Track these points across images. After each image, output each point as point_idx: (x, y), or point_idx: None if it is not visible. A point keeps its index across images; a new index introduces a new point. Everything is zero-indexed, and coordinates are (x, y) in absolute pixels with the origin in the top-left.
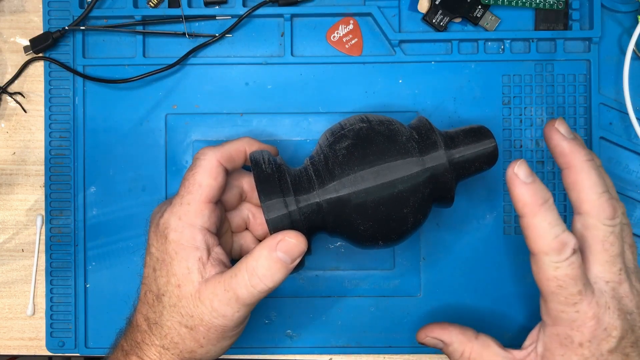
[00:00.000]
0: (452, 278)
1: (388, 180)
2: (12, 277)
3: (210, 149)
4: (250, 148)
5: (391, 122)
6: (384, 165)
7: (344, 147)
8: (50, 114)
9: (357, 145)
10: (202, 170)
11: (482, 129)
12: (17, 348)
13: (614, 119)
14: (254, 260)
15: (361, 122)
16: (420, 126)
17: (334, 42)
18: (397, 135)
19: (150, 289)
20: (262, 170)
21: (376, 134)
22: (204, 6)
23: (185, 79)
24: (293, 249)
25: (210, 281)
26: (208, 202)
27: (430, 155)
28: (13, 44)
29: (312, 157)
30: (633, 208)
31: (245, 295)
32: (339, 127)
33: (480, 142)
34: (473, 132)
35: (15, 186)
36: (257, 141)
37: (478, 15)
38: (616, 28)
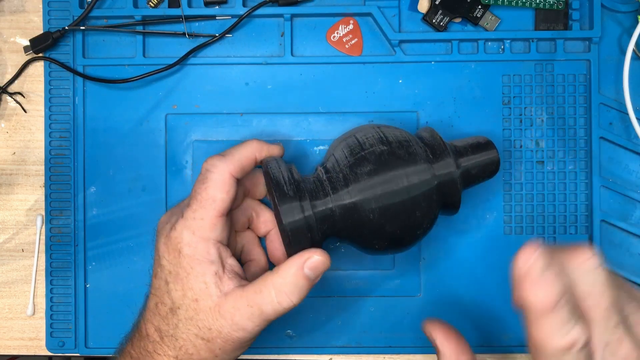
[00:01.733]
0: (452, 278)
1: (400, 187)
2: (12, 277)
3: (220, 160)
4: (260, 153)
5: (409, 142)
6: (397, 173)
7: (366, 172)
8: (50, 114)
9: (379, 171)
10: (213, 184)
11: (486, 141)
12: (17, 348)
13: (614, 119)
14: (280, 277)
15: (381, 144)
16: (432, 142)
17: (334, 42)
18: (416, 159)
19: (162, 301)
20: (284, 193)
21: (397, 160)
22: (204, 6)
23: (185, 79)
24: (319, 267)
25: (231, 295)
26: (221, 215)
27: (439, 164)
28: (13, 44)
29: (328, 171)
30: (633, 208)
31: (270, 311)
32: (358, 145)
33: (485, 153)
34: (478, 143)
35: (15, 186)
36: (265, 143)
37: (478, 15)
38: (616, 28)
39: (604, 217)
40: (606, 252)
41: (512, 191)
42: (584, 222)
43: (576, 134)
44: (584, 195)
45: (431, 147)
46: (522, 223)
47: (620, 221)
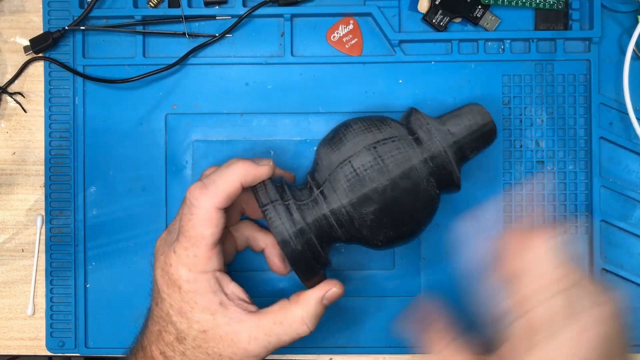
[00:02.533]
0: (452, 278)
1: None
2: (12, 277)
3: (203, 192)
4: (246, 179)
5: (411, 167)
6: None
7: (371, 211)
8: (50, 114)
9: (385, 210)
10: (200, 220)
11: (476, 108)
12: (17, 348)
13: (614, 119)
14: (302, 309)
15: (383, 178)
16: (415, 123)
17: (334, 42)
18: (419, 182)
19: (166, 329)
20: (292, 248)
21: (401, 193)
22: (204, 6)
23: (185, 79)
24: (336, 298)
25: (246, 325)
26: (214, 248)
27: (428, 148)
28: (13, 44)
29: (332, 208)
30: (633, 208)
31: (288, 340)
32: (358, 180)
33: (476, 122)
34: (467, 113)
35: (15, 186)
36: (251, 165)
37: (478, 15)
38: (616, 28)
39: (604, 217)
40: (606, 252)
41: (512, 191)
42: (584, 222)
43: (576, 134)
44: (584, 195)
45: (411, 127)
46: (522, 223)
47: (620, 221)
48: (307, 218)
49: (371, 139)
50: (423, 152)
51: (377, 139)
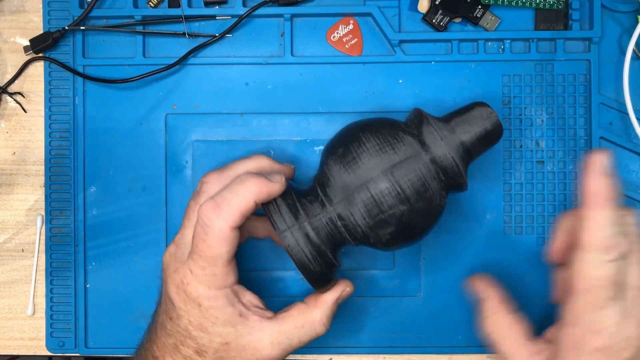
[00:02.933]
0: (452, 278)
1: None
2: (12, 277)
3: (217, 212)
4: (259, 197)
5: (426, 187)
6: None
7: (388, 232)
8: (50, 114)
9: (401, 231)
10: (215, 241)
11: (480, 106)
12: (17, 348)
13: (614, 119)
14: (320, 311)
15: (401, 204)
16: (427, 136)
17: (334, 42)
18: (434, 199)
19: (184, 343)
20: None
21: (417, 214)
22: (204, 6)
23: (185, 79)
24: (348, 296)
25: (267, 331)
26: (229, 263)
27: (439, 162)
28: (13, 44)
29: (343, 218)
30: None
31: (307, 341)
32: (376, 206)
33: (481, 122)
34: (471, 113)
35: (15, 186)
36: (264, 182)
37: (478, 15)
38: (616, 28)
39: None
40: None
41: (512, 191)
42: None
43: (576, 134)
44: None
45: (431, 148)
46: (522, 223)
47: None
48: (322, 234)
49: (387, 163)
50: (437, 169)
51: (393, 162)
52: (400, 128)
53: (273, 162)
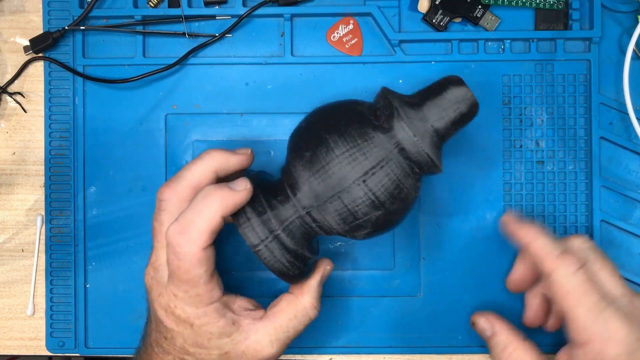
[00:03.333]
0: (452, 278)
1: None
2: (12, 277)
3: (184, 238)
4: (225, 211)
5: (400, 188)
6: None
7: (364, 233)
8: (50, 114)
9: (378, 230)
10: (190, 265)
11: (458, 94)
12: (17, 348)
13: (614, 119)
14: (309, 296)
15: (376, 210)
16: (397, 125)
17: (334, 42)
18: (409, 196)
19: (182, 358)
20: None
21: (394, 214)
22: (204, 6)
23: (185, 79)
24: (329, 272)
25: (263, 331)
26: (210, 280)
27: (413, 157)
28: (13, 44)
29: (323, 227)
30: (633, 208)
31: (303, 328)
32: (351, 216)
33: (460, 111)
34: (451, 102)
35: (15, 186)
36: (227, 193)
37: (478, 15)
38: (616, 28)
39: (604, 217)
40: (606, 252)
41: (512, 191)
42: (584, 222)
43: (576, 134)
44: (584, 195)
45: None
46: None
47: (620, 221)
48: (296, 236)
49: (359, 171)
50: (410, 164)
51: (365, 169)
52: (368, 123)
53: (227, 154)
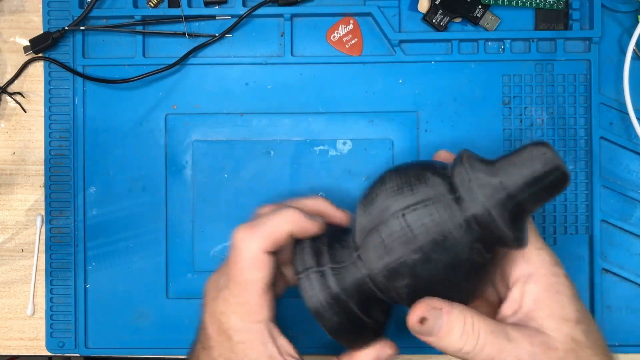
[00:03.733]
0: None
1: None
2: (12, 277)
3: (249, 234)
4: (295, 228)
5: (446, 235)
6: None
7: (404, 285)
8: (50, 114)
9: (419, 285)
10: (247, 265)
11: (534, 151)
12: (17, 348)
13: (614, 118)
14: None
15: (413, 253)
16: (458, 177)
17: (334, 42)
18: (459, 251)
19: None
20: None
21: (436, 266)
22: (204, 6)
23: (185, 79)
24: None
25: None
26: (265, 293)
27: (467, 207)
28: (13, 44)
29: (370, 273)
30: (633, 208)
31: None
32: (386, 254)
33: (530, 164)
34: (525, 159)
35: (15, 186)
36: (301, 216)
37: (478, 15)
38: (616, 28)
39: (604, 217)
40: (606, 252)
41: None
42: (584, 222)
43: (576, 134)
44: (584, 195)
45: (459, 191)
46: None
47: (620, 221)
48: (346, 283)
49: (401, 204)
50: (466, 217)
51: (408, 204)
52: (432, 169)
53: (331, 206)
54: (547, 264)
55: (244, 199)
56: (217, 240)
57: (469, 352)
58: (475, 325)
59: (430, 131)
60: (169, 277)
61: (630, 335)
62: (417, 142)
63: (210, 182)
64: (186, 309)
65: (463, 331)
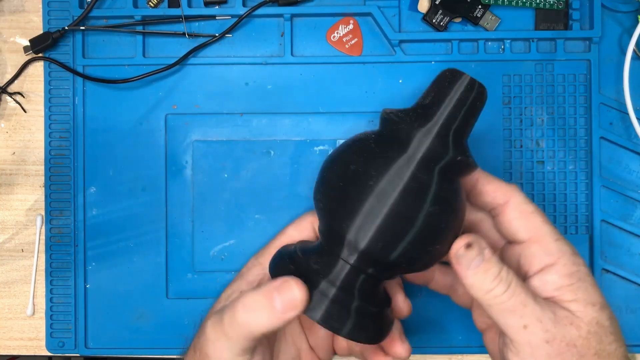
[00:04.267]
0: None
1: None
2: (12, 277)
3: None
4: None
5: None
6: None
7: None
8: (50, 114)
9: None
10: None
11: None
12: (17, 348)
13: (614, 119)
14: None
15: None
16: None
17: (334, 42)
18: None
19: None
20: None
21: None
22: (204, 6)
23: (185, 79)
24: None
25: None
26: None
27: (412, 147)
28: (13, 44)
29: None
30: (633, 208)
31: None
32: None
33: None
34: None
35: (15, 186)
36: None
37: (478, 15)
38: (616, 28)
39: (604, 217)
40: (606, 252)
41: None
42: (584, 222)
43: (576, 134)
44: (584, 195)
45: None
46: None
47: (620, 221)
48: (341, 283)
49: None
50: (415, 161)
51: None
52: (368, 140)
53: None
54: (567, 253)
55: (244, 199)
56: (217, 240)
57: (497, 296)
58: (510, 274)
59: None
60: (169, 277)
61: (630, 335)
62: None
63: (210, 182)
64: (186, 309)
65: (498, 274)
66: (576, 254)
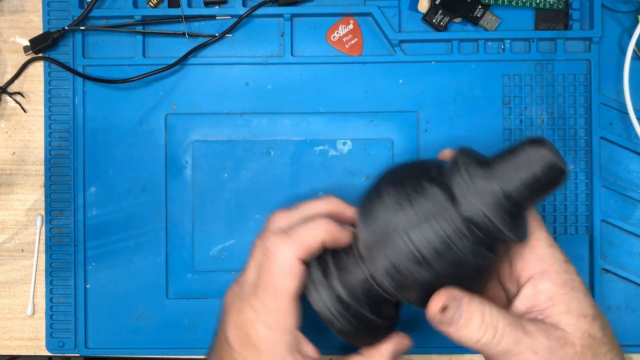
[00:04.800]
0: None
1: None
2: (12, 277)
3: (284, 240)
4: (327, 236)
5: (449, 246)
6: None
7: (416, 298)
8: (50, 114)
9: (429, 292)
10: (281, 271)
11: (531, 153)
12: (17, 348)
13: (614, 118)
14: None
15: (420, 268)
16: (455, 182)
17: (334, 42)
18: (464, 259)
19: None
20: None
21: (445, 277)
22: (204, 6)
23: (185, 79)
24: (406, 349)
25: None
26: (294, 301)
27: (459, 202)
28: (13, 44)
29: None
30: (633, 208)
31: None
32: (397, 273)
33: (525, 161)
34: (522, 162)
35: (15, 186)
36: (335, 227)
37: (478, 15)
38: (616, 28)
39: (604, 217)
40: (606, 252)
41: None
42: (584, 222)
43: (576, 134)
44: (584, 195)
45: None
46: None
47: (620, 221)
48: (352, 289)
49: (403, 221)
50: (468, 225)
51: (410, 222)
52: (427, 176)
53: (344, 204)
54: (559, 261)
55: (244, 199)
56: (217, 240)
57: (487, 343)
58: (494, 317)
59: (430, 131)
60: (169, 277)
61: (630, 335)
62: (417, 142)
63: (210, 182)
64: (186, 309)
65: (482, 322)
66: (568, 261)
